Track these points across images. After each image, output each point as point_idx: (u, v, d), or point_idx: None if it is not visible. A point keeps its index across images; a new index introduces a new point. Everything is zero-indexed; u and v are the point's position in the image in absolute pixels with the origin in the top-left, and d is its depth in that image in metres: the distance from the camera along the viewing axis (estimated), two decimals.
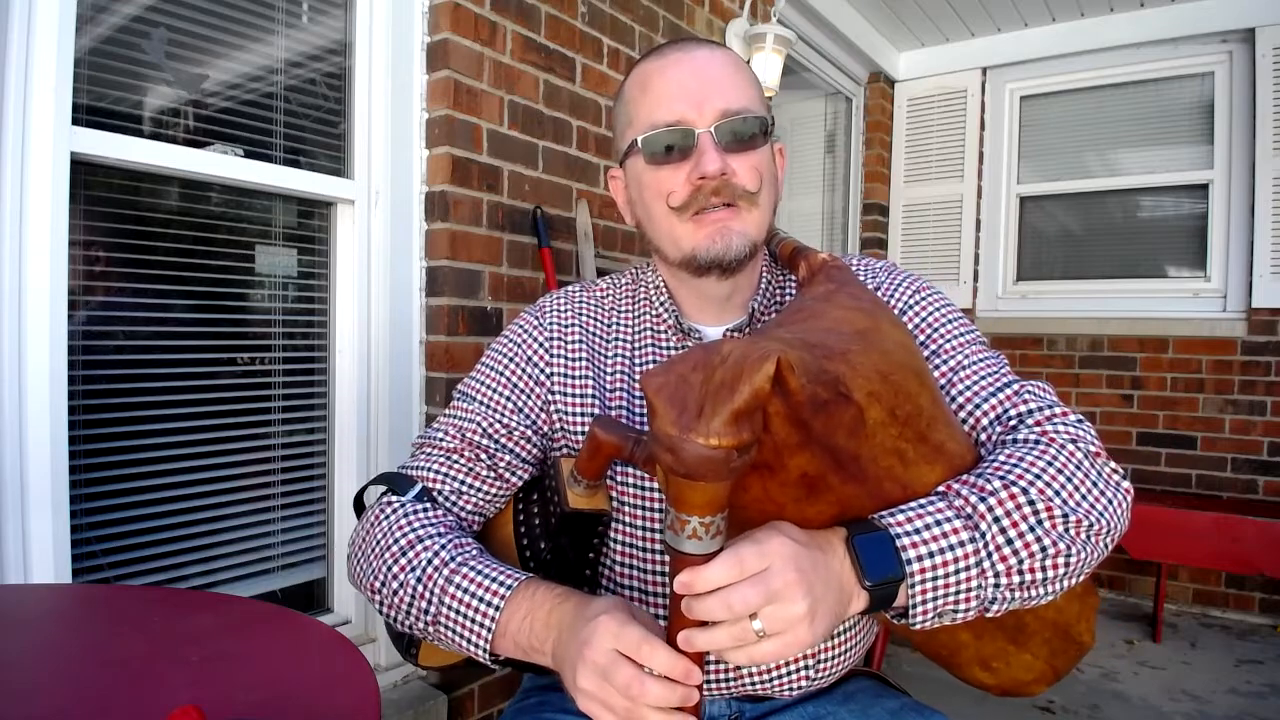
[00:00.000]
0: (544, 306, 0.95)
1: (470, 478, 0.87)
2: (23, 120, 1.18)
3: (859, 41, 3.40)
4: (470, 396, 0.91)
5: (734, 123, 0.81)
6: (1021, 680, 0.86)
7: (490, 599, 0.72)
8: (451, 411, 0.92)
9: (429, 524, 0.81)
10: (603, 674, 0.61)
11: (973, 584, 0.65)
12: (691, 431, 0.54)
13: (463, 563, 0.76)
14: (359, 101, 1.70)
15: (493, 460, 0.88)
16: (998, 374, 0.80)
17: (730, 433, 0.54)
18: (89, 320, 1.32)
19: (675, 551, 0.59)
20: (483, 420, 0.88)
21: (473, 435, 0.88)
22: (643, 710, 0.60)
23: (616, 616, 0.63)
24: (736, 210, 0.82)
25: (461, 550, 0.78)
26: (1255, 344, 3.07)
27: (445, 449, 0.88)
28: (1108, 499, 0.70)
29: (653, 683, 0.60)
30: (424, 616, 0.76)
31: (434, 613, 0.75)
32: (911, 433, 0.66)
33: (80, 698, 0.63)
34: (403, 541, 0.79)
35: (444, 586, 0.75)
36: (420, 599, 0.76)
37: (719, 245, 0.81)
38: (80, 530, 1.27)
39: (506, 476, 0.89)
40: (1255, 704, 2.31)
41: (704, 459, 0.54)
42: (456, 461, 0.87)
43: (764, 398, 0.56)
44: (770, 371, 0.55)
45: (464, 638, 0.73)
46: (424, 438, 0.91)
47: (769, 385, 0.56)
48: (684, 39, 0.86)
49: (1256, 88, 3.03)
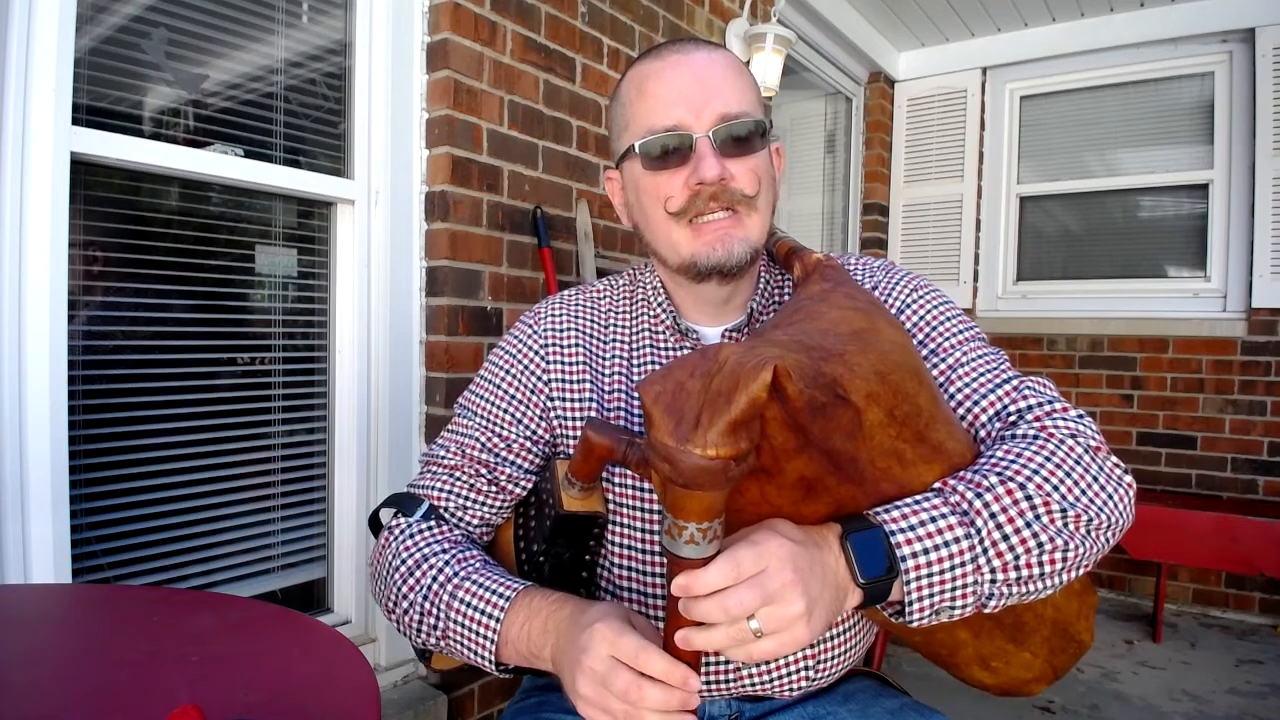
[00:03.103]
0: (539, 313, 0.95)
1: (473, 493, 0.88)
2: (23, 120, 1.18)
3: (859, 41, 3.40)
4: (471, 411, 0.92)
5: (732, 126, 0.80)
6: (1021, 679, 0.86)
7: (491, 610, 0.74)
8: (453, 427, 0.93)
9: (433, 542, 0.83)
10: (601, 681, 0.62)
11: (969, 580, 0.65)
12: (689, 442, 0.54)
13: (465, 577, 0.78)
14: (359, 101, 1.70)
15: (493, 474, 0.88)
16: (997, 370, 0.80)
17: (728, 443, 0.54)
18: (89, 320, 1.32)
19: (673, 555, 0.59)
20: (481, 435, 0.89)
21: (473, 451, 0.89)
22: (642, 714, 0.61)
23: (612, 624, 0.64)
24: (737, 217, 0.82)
25: (464, 565, 0.80)
26: (1255, 344, 3.07)
27: (448, 466, 0.89)
28: (1108, 493, 0.70)
29: (651, 687, 0.60)
30: (434, 633, 0.78)
31: (443, 628, 0.77)
32: (910, 433, 0.66)
33: (80, 698, 0.63)
34: (409, 562, 0.81)
35: (448, 602, 0.77)
36: (429, 616, 0.78)
37: (720, 252, 0.81)
38: (80, 530, 1.27)
39: (509, 488, 0.89)
40: (1255, 704, 2.31)
41: (701, 469, 0.54)
42: (459, 478, 0.88)
43: (761, 406, 0.55)
44: (767, 380, 0.55)
45: (472, 650, 0.75)
46: (429, 455, 0.92)
47: (766, 394, 0.55)
48: (681, 40, 0.86)
49: (1256, 88, 3.03)
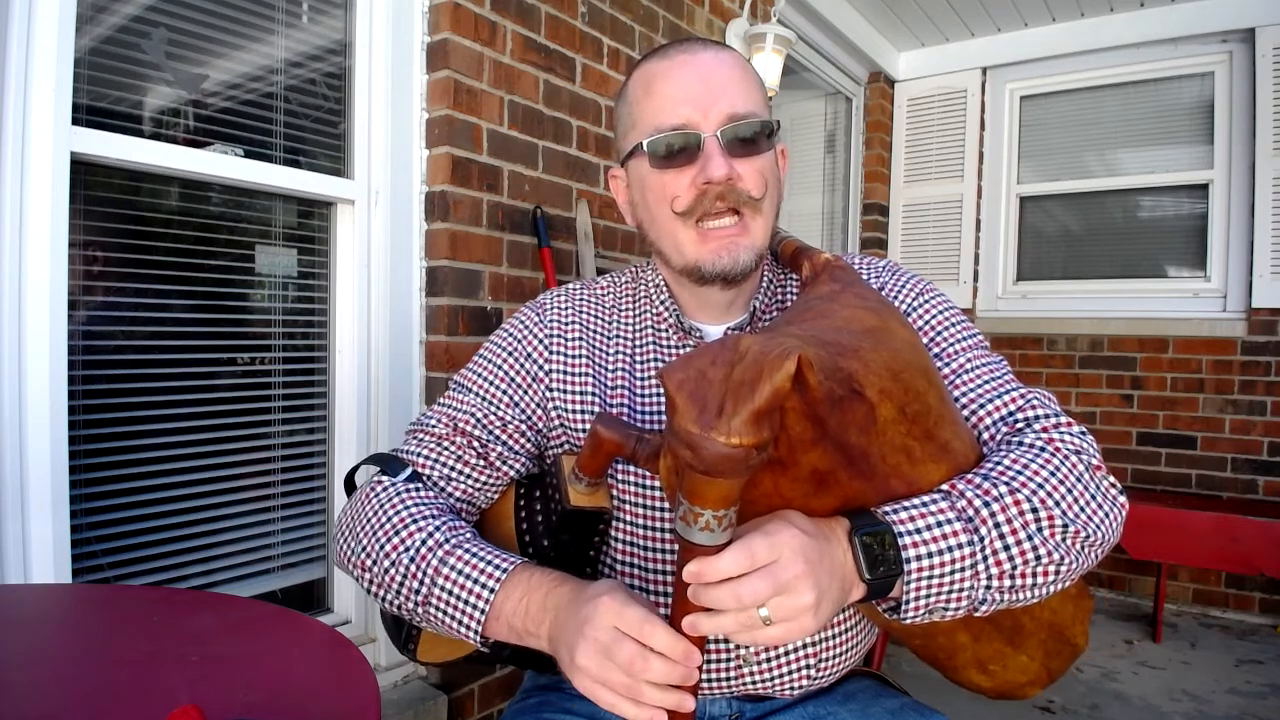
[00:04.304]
0: (544, 304, 0.95)
1: (460, 464, 0.87)
2: (23, 120, 1.18)
3: (859, 41, 3.40)
4: (465, 388, 0.91)
5: (740, 126, 0.80)
6: (1017, 682, 0.86)
7: (485, 580, 0.73)
8: (445, 401, 0.92)
9: (422, 504, 0.81)
10: (604, 651, 0.62)
11: (965, 584, 0.66)
12: (713, 430, 0.54)
13: (457, 544, 0.76)
14: (359, 101, 1.70)
15: (484, 449, 0.87)
16: (1002, 378, 0.81)
17: (751, 431, 0.54)
18: (89, 320, 1.32)
19: (685, 542, 0.60)
20: (476, 410, 0.88)
21: (465, 425, 0.88)
22: (642, 686, 0.61)
23: (617, 597, 0.64)
24: (743, 223, 0.82)
25: (456, 533, 0.78)
26: (1255, 344, 3.07)
27: (435, 435, 0.88)
28: (1105, 512, 0.72)
29: (655, 659, 0.61)
30: (414, 597, 0.76)
31: (424, 593, 0.75)
32: (919, 430, 0.67)
33: (80, 698, 0.63)
34: (395, 521, 0.79)
35: (437, 568, 0.75)
36: (412, 579, 0.76)
37: (725, 260, 0.81)
38: (80, 530, 1.27)
39: (498, 465, 0.88)
40: (1255, 704, 2.31)
41: (724, 457, 0.54)
42: (446, 448, 0.87)
43: (784, 396, 0.56)
44: (791, 370, 0.55)
45: (455, 619, 0.73)
46: (415, 424, 0.91)
47: (789, 384, 0.56)
48: (688, 39, 0.86)
49: (1256, 88, 3.03)
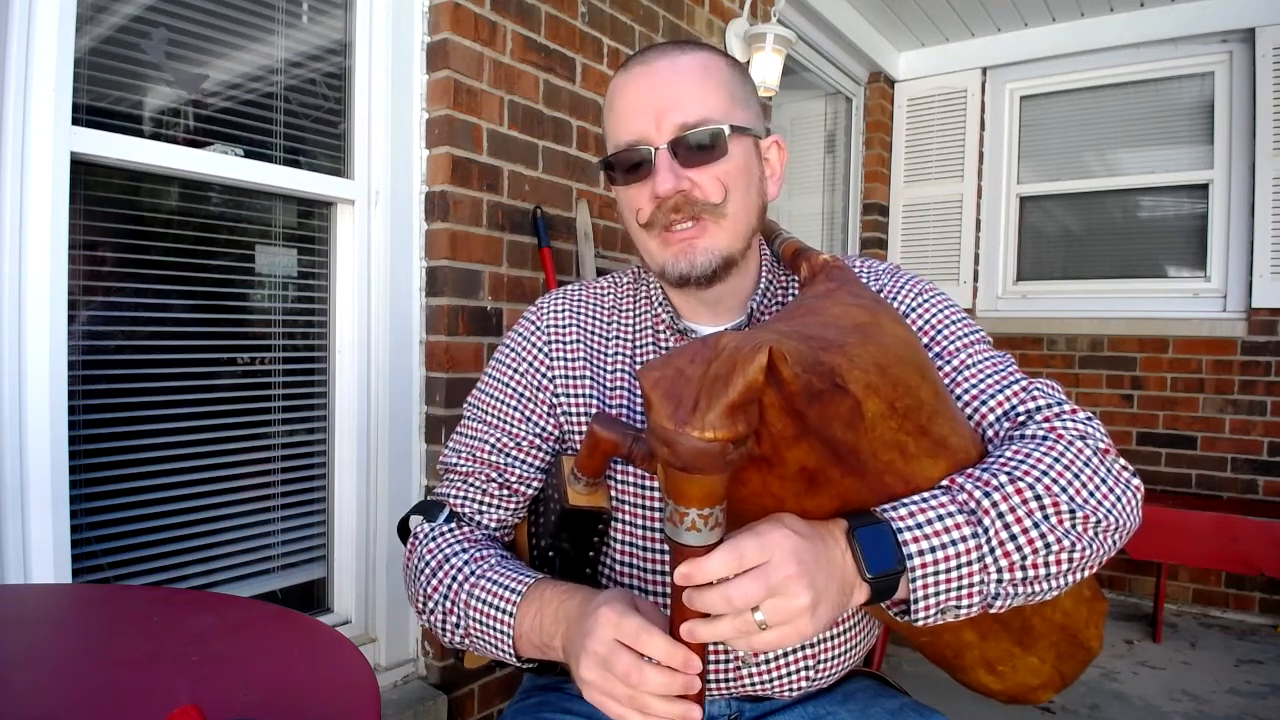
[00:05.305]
0: (541, 308, 0.96)
1: (486, 497, 0.90)
2: (23, 120, 1.18)
3: (859, 41, 3.40)
4: (479, 415, 0.93)
5: (690, 136, 0.79)
6: (1028, 685, 0.85)
7: (505, 605, 0.76)
8: (462, 430, 0.94)
9: (454, 543, 0.85)
10: (603, 663, 0.63)
11: (975, 579, 0.64)
12: (687, 425, 0.55)
13: (480, 575, 0.80)
14: (359, 101, 1.70)
15: (503, 476, 0.89)
16: (1004, 372, 0.80)
17: (726, 425, 0.54)
18: (89, 320, 1.32)
19: (675, 543, 0.60)
20: (490, 436, 0.90)
21: (483, 453, 0.90)
22: (645, 698, 0.61)
23: (616, 607, 0.64)
24: (702, 225, 0.81)
25: (479, 563, 0.81)
26: (1255, 344, 3.07)
27: (461, 473, 0.91)
28: (1116, 495, 0.70)
29: (652, 670, 0.61)
30: (457, 631, 0.81)
31: (465, 626, 0.79)
32: (912, 426, 0.66)
33: (80, 698, 0.63)
34: (432, 564, 0.84)
35: (467, 601, 0.79)
36: (451, 615, 0.80)
37: (684, 263, 0.82)
38: (80, 530, 1.27)
39: (519, 489, 0.90)
40: (1255, 704, 2.31)
41: (699, 452, 0.55)
42: (472, 484, 0.90)
43: (758, 389, 0.56)
44: (763, 362, 0.55)
45: (492, 645, 0.78)
46: (443, 464, 0.94)
47: (762, 376, 0.56)
48: (650, 48, 0.85)
49: (1256, 88, 3.03)
